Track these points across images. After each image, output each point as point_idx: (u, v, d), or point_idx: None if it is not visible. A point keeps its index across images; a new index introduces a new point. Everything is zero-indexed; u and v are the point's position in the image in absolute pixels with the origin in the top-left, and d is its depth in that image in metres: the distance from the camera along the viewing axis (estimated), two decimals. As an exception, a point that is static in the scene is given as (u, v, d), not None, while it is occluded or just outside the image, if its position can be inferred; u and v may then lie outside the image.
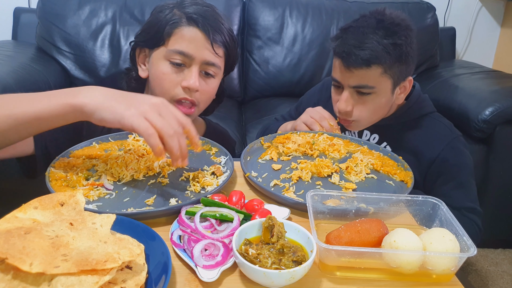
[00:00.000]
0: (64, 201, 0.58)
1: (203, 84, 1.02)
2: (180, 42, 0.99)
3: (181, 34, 0.99)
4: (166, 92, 1.01)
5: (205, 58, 0.99)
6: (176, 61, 0.99)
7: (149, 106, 0.71)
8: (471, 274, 1.84)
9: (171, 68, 1.00)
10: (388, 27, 1.04)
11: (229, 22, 1.07)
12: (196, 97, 1.02)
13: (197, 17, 0.99)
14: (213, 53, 1.00)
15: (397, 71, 1.08)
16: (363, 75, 1.05)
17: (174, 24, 0.99)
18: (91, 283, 0.46)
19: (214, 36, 0.99)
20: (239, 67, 2.33)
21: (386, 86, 1.09)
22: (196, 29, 0.98)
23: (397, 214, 0.73)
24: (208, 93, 1.05)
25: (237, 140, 1.87)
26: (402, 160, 0.95)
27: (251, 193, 0.84)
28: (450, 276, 0.62)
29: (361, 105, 1.10)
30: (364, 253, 0.59)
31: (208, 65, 1.01)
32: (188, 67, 1.00)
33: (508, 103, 1.71)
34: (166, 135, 0.70)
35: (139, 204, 0.74)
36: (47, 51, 2.15)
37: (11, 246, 0.46)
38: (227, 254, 0.61)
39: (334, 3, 2.34)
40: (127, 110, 0.70)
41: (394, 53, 1.04)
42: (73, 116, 0.73)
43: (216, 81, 1.06)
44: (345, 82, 1.09)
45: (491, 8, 2.64)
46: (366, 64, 1.03)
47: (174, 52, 0.98)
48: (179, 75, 1.00)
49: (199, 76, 1.00)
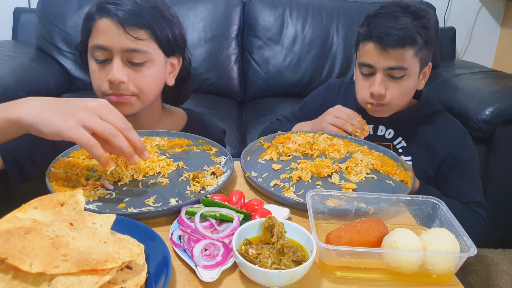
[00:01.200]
0: (64, 201, 0.58)
1: (132, 74, 0.96)
2: (96, 37, 0.95)
3: (96, 29, 0.95)
4: (97, 89, 0.99)
5: (122, 46, 0.94)
6: (98, 58, 0.96)
7: (87, 112, 0.69)
8: (471, 274, 1.84)
9: (96, 66, 0.97)
10: (415, 11, 1.10)
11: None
12: (125, 89, 0.96)
13: (107, 5, 0.94)
14: (130, 38, 0.93)
15: (424, 55, 1.13)
16: (398, 56, 1.08)
17: (91, 20, 0.96)
18: (91, 283, 0.46)
19: (127, 20, 0.93)
20: (239, 67, 2.33)
21: (415, 69, 1.13)
22: (107, 19, 0.94)
23: (397, 214, 0.73)
24: (143, 81, 0.98)
25: (237, 140, 1.87)
26: (402, 160, 0.95)
27: (251, 193, 0.84)
28: (450, 276, 0.62)
29: (393, 89, 1.13)
30: (364, 253, 0.59)
31: (131, 53, 0.95)
32: (111, 61, 0.95)
33: (508, 103, 1.71)
34: (110, 136, 0.69)
35: (139, 204, 0.74)
36: (47, 51, 2.15)
37: (11, 246, 0.46)
38: (227, 254, 0.61)
39: (334, 3, 2.35)
40: (65, 122, 0.67)
41: (423, 35, 1.09)
42: (13, 131, 0.71)
43: (153, 67, 0.99)
44: (380, 65, 1.10)
45: (491, 8, 2.64)
46: (402, 44, 1.07)
47: (93, 49, 0.96)
48: (105, 71, 0.96)
49: (124, 66, 0.95)
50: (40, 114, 0.68)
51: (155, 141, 0.97)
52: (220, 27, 2.27)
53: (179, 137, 1.00)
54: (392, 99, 1.14)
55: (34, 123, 0.68)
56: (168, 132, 1.00)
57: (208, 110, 2.06)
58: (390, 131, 1.25)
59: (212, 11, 2.27)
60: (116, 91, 0.96)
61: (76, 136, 0.67)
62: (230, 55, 2.30)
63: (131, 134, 0.72)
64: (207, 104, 2.14)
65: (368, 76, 1.15)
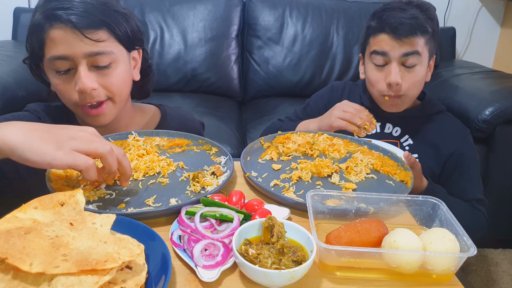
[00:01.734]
0: (64, 201, 0.58)
1: (101, 78, 0.91)
2: (52, 48, 0.87)
3: (50, 39, 0.87)
4: (67, 101, 0.93)
5: (84, 52, 0.87)
6: (60, 69, 0.89)
7: (76, 139, 0.67)
8: (471, 274, 1.84)
9: (59, 78, 0.90)
10: (420, 4, 1.17)
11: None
12: (98, 95, 0.92)
13: (57, 12, 0.86)
14: (90, 42, 0.87)
15: (432, 46, 1.19)
16: (412, 42, 1.13)
17: (40, 31, 0.87)
18: (91, 283, 0.46)
19: (83, 23, 0.86)
20: (239, 67, 2.33)
21: (426, 59, 1.18)
22: (60, 26, 0.86)
23: (397, 214, 0.73)
24: (114, 84, 0.93)
25: (237, 140, 1.87)
26: (402, 160, 0.95)
27: (251, 193, 0.84)
28: (450, 276, 0.62)
29: (408, 78, 1.16)
30: (364, 253, 0.59)
31: (94, 56, 0.89)
32: (76, 69, 0.89)
33: (508, 103, 1.71)
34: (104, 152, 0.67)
35: (139, 204, 0.74)
36: (47, 51, 2.14)
37: (11, 246, 0.46)
38: (227, 254, 0.61)
39: (334, 3, 2.35)
40: (58, 151, 0.64)
41: (431, 26, 1.15)
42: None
43: (119, 66, 0.94)
44: (395, 53, 1.14)
45: (491, 8, 2.64)
46: (415, 32, 1.13)
47: (52, 61, 0.88)
48: (70, 82, 0.90)
49: (90, 72, 0.89)
50: (26, 140, 0.64)
51: (155, 141, 0.97)
52: (220, 27, 2.27)
53: (179, 137, 1.00)
54: (408, 89, 1.17)
55: (17, 149, 0.64)
56: (168, 132, 1.00)
57: (208, 110, 2.06)
58: (397, 128, 1.27)
59: (212, 11, 2.27)
60: (89, 99, 0.91)
61: (72, 160, 0.64)
62: (230, 55, 2.30)
63: (124, 160, 0.71)
64: (207, 104, 2.14)
65: (382, 67, 1.18)
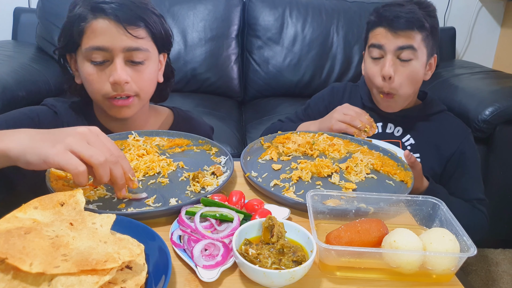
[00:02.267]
0: (64, 201, 0.58)
1: (133, 73, 0.95)
2: (92, 38, 0.92)
3: (91, 30, 0.91)
4: (97, 92, 0.96)
5: (124, 46, 0.92)
6: (96, 60, 0.92)
7: (75, 137, 0.66)
8: (471, 274, 1.84)
9: (93, 67, 0.93)
10: (420, 2, 1.18)
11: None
12: (129, 89, 0.95)
13: (103, 5, 0.91)
14: (131, 37, 0.92)
15: (430, 43, 1.19)
16: (408, 36, 1.14)
17: (83, 21, 0.92)
18: (91, 283, 0.46)
19: (127, 19, 0.91)
20: (239, 67, 2.33)
21: (423, 55, 1.18)
22: (105, 19, 0.91)
23: (397, 214, 0.73)
24: (144, 80, 0.98)
25: (237, 140, 1.87)
26: (402, 160, 0.95)
27: (251, 193, 0.84)
28: (450, 276, 0.62)
29: (401, 73, 1.17)
30: (364, 253, 0.59)
31: (132, 52, 0.93)
32: (112, 61, 0.93)
33: (508, 103, 1.71)
34: (96, 162, 0.65)
35: (139, 204, 0.74)
36: (47, 51, 2.15)
37: (11, 246, 0.46)
38: (227, 254, 0.61)
39: (334, 3, 2.35)
40: (52, 148, 0.63)
41: (430, 23, 1.16)
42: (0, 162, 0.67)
43: (150, 65, 0.98)
44: (390, 46, 1.16)
45: (491, 8, 2.64)
46: (411, 27, 1.13)
47: (90, 50, 0.92)
48: (105, 72, 0.94)
49: (125, 66, 0.94)
50: (29, 143, 0.65)
51: (155, 141, 0.97)
52: (220, 27, 2.27)
53: (179, 137, 1.00)
54: (400, 84, 1.17)
55: (22, 153, 0.64)
56: (168, 132, 1.00)
57: (208, 110, 2.06)
58: (399, 128, 1.28)
59: (212, 11, 2.27)
60: (120, 92, 0.95)
61: (64, 161, 0.63)
62: (230, 55, 2.30)
63: (116, 167, 0.68)
64: (207, 104, 2.14)
65: (378, 59, 1.19)
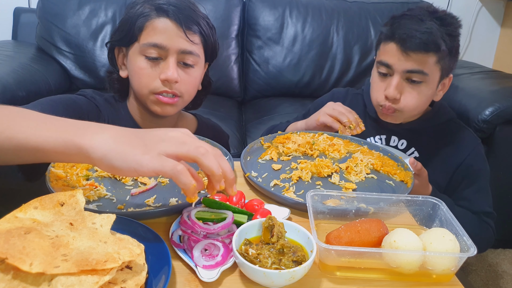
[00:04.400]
0: (64, 201, 0.58)
1: (183, 75, 1.00)
2: (152, 35, 0.97)
3: (152, 27, 0.97)
4: (145, 87, 1.00)
5: (180, 47, 0.98)
6: (151, 55, 0.98)
7: (168, 141, 0.60)
8: (471, 274, 1.84)
9: (147, 62, 0.98)
10: (443, 17, 1.06)
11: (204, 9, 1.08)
12: (177, 88, 1.00)
13: (167, 7, 0.97)
14: (188, 41, 0.98)
15: (446, 64, 1.08)
16: (420, 60, 1.04)
17: (144, 18, 0.98)
18: (91, 283, 0.46)
19: (186, 24, 0.97)
20: (239, 67, 2.33)
21: (435, 77, 1.09)
22: (167, 19, 0.97)
23: (397, 214, 0.73)
24: (190, 83, 1.03)
25: (237, 140, 1.87)
26: (402, 160, 0.95)
27: (251, 193, 0.84)
28: (450, 276, 0.62)
29: (409, 94, 1.08)
30: (364, 253, 0.59)
31: (185, 54, 0.99)
32: (165, 59, 0.98)
33: (508, 103, 1.71)
34: (198, 155, 0.59)
35: (139, 204, 0.74)
36: (47, 51, 2.15)
37: (11, 246, 0.46)
38: (227, 254, 0.61)
39: (334, 3, 2.35)
40: (144, 155, 0.57)
41: (448, 43, 1.04)
42: (77, 158, 0.61)
43: (198, 70, 1.04)
44: (399, 67, 1.06)
45: (491, 8, 2.64)
46: (425, 49, 1.03)
47: (148, 46, 0.97)
48: (156, 69, 0.99)
49: (177, 66, 0.99)
50: (115, 147, 0.58)
51: (155, 141, 0.97)
52: (220, 27, 2.27)
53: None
54: (406, 106, 1.09)
55: (105, 157, 0.58)
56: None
57: (208, 110, 2.06)
58: (403, 141, 1.21)
59: (212, 11, 2.27)
60: (169, 89, 0.99)
61: (159, 165, 0.57)
62: (230, 55, 2.30)
63: (221, 160, 0.61)
64: (207, 104, 2.11)
65: (385, 77, 1.11)
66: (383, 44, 1.11)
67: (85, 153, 0.59)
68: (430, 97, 1.13)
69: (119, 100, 1.12)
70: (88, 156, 0.59)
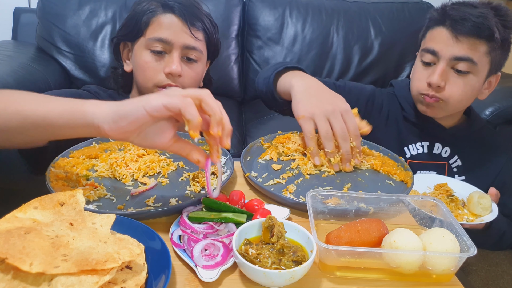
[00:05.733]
0: (64, 201, 0.58)
1: (186, 69, 1.04)
2: (158, 30, 1.01)
3: (158, 22, 1.02)
4: (149, 80, 1.04)
5: (184, 43, 1.02)
6: (156, 49, 1.01)
7: (172, 91, 0.65)
8: (471, 274, 1.84)
9: (152, 56, 1.02)
10: (498, 7, 1.01)
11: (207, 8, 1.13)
12: (180, 82, 1.04)
13: (173, 3, 1.02)
14: (192, 37, 1.02)
15: (497, 58, 1.02)
16: (471, 46, 0.98)
17: (151, 14, 1.02)
18: (91, 283, 0.46)
19: (191, 20, 1.02)
20: (239, 67, 2.33)
21: (484, 70, 1.03)
22: (172, 15, 1.01)
23: (397, 214, 0.73)
24: (193, 77, 1.07)
25: (237, 140, 1.87)
26: (402, 160, 0.95)
27: (251, 193, 0.84)
28: (450, 276, 0.62)
29: (454, 84, 1.02)
30: (364, 253, 0.59)
31: (189, 50, 1.03)
32: (169, 54, 1.02)
33: (508, 103, 1.71)
34: (202, 94, 0.61)
35: (139, 204, 0.74)
36: (47, 51, 2.15)
37: (11, 246, 0.46)
38: (227, 254, 0.61)
39: (334, 3, 2.35)
40: (150, 96, 0.61)
41: (502, 33, 0.99)
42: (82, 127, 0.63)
43: (200, 66, 1.08)
44: (447, 53, 1.00)
45: (491, 8, 2.63)
46: (478, 34, 0.97)
47: (153, 40, 1.01)
48: (161, 62, 1.03)
49: (180, 61, 1.03)
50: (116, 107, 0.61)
51: (155, 141, 0.97)
52: (220, 27, 2.24)
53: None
54: (451, 95, 1.03)
55: (109, 114, 0.60)
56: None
57: (208, 110, 2.06)
58: (447, 149, 1.16)
59: (212, 11, 2.26)
60: (172, 82, 1.03)
61: (167, 99, 0.59)
62: (230, 55, 2.30)
63: (225, 117, 0.65)
64: (207, 104, 2.14)
65: (429, 66, 1.04)
66: (430, 31, 1.05)
67: (89, 117, 0.61)
68: (476, 92, 1.07)
69: (122, 95, 1.16)
70: (92, 119, 0.61)
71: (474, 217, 0.96)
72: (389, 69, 2.33)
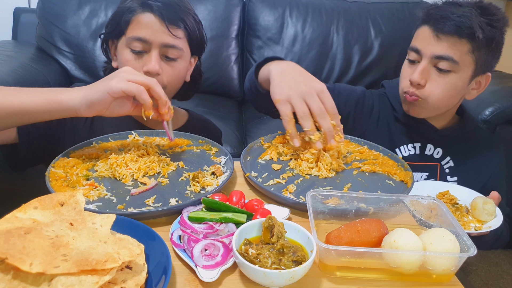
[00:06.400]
0: (64, 201, 0.58)
1: (166, 67, 1.04)
2: (137, 29, 1.02)
3: (137, 21, 1.02)
4: None
5: (162, 41, 1.01)
6: (136, 49, 1.02)
7: (126, 73, 0.80)
8: (471, 274, 1.84)
9: (132, 55, 1.03)
10: (485, 7, 1.00)
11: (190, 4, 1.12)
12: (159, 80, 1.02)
13: (152, 2, 1.01)
14: (170, 35, 1.02)
15: (483, 58, 1.02)
16: (451, 45, 0.99)
17: (131, 12, 1.02)
18: (91, 283, 0.46)
19: (170, 19, 1.01)
20: (239, 67, 2.33)
21: (467, 70, 1.02)
22: (150, 14, 1.01)
23: (397, 214, 0.73)
24: (174, 75, 1.07)
25: (237, 140, 1.87)
26: (402, 160, 0.95)
27: (251, 193, 0.84)
28: (450, 276, 0.62)
29: (435, 82, 1.03)
30: (364, 253, 0.59)
31: (168, 48, 1.03)
32: (148, 52, 1.03)
33: (508, 103, 1.71)
34: (152, 83, 0.80)
35: (139, 204, 0.74)
36: (47, 51, 2.15)
37: (11, 246, 0.46)
38: (227, 254, 0.61)
39: (334, 3, 2.35)
40: (111, 80, 0.77)
41: (487, 34, 0.98)
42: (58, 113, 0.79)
43: (182, 63, 1.08)
44: (428, 51, 1.01)
45: (491, 8, 2.63)
46: (458, 33, 0.97)
47: (132, 40, 1.02)
48: (140, 61, 1.03)
49: (160, 60, 1.03)
50: (87, 91, 0.79)
51: (155, 141, 0.97)
52: (220, 27, 2.27)
53: (179, 137, 1.00)
54: (430, 94, 1.04)
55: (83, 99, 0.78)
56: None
57: (208, 110, 2.06)
58: (439, 150, 1.16)
59: (212, 11, 2.27)
60: None
61: (126, 86, 0.77)
62: (230, 55, 2.30)
63: (157, 88, 0.82)
64: (207, 104, 2.14)
65: (413, 64, 1.06)
66: (416, 31, 1.07)
67: (65, 105, 0.78)
68: (460, 92, 1.06)
69: None
70: (68, 106, 0.78)
71: (479, 223, 0.96)
72: (389, 69, 2.33)
